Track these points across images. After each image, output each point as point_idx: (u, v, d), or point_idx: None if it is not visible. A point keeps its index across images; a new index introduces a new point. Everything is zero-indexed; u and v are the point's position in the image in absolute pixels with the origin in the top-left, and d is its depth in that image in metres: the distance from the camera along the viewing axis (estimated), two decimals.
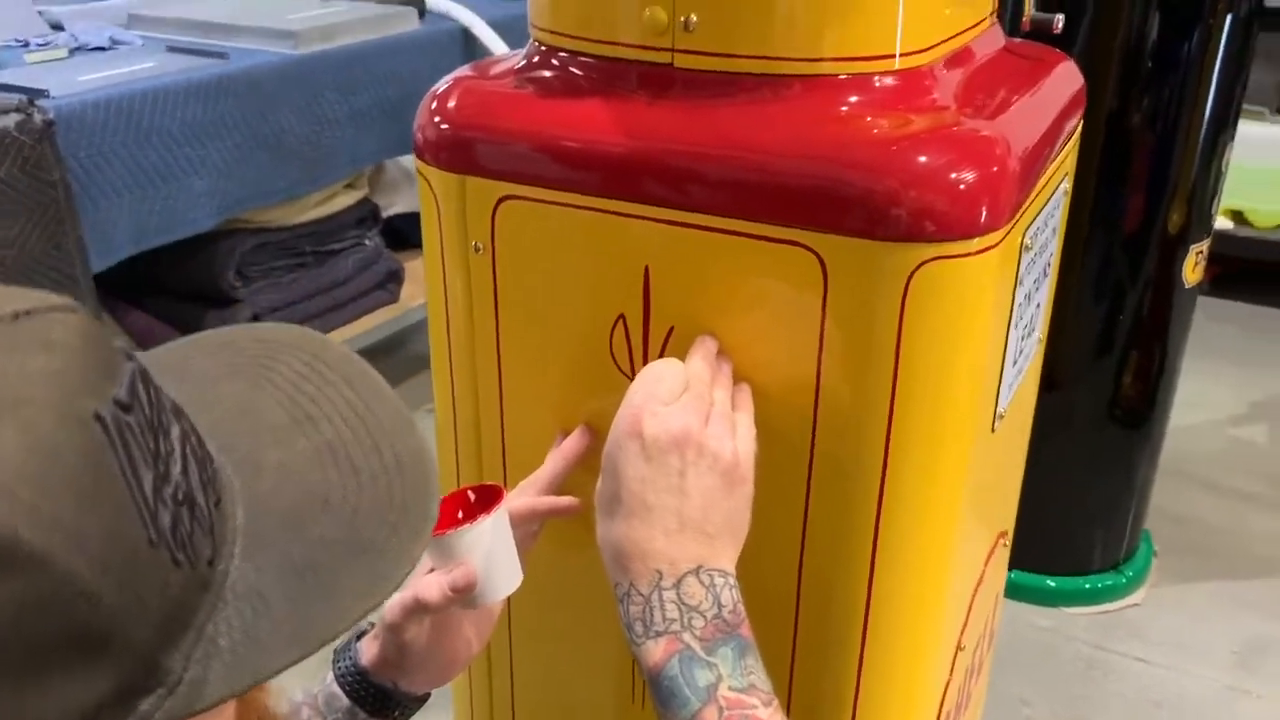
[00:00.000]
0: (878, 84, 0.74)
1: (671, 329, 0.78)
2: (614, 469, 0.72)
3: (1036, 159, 0.78)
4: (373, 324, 2.52)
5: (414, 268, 2.67)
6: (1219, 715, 1.91)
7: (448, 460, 0.93)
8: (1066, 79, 0.93)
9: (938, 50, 0.77)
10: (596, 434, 0.84)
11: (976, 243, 0.69)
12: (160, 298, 2.28)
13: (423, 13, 2.42)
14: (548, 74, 0.82)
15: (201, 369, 0.53)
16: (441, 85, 0.85)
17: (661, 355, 0.79)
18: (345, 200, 2.45)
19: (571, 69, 0.81)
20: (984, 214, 0.69)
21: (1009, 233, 0.73)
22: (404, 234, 2.75)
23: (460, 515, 0.78)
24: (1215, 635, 2.07)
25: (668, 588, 0.69)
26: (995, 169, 0.71)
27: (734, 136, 0.73)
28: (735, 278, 0.75)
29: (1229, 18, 1.78)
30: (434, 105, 0.83)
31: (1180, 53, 1.79)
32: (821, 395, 0.75)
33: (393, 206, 2.75)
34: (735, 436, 0.72)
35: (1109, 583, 2.19)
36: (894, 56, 0.74)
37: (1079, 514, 2.15)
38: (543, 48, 0.84)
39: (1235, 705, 1.93)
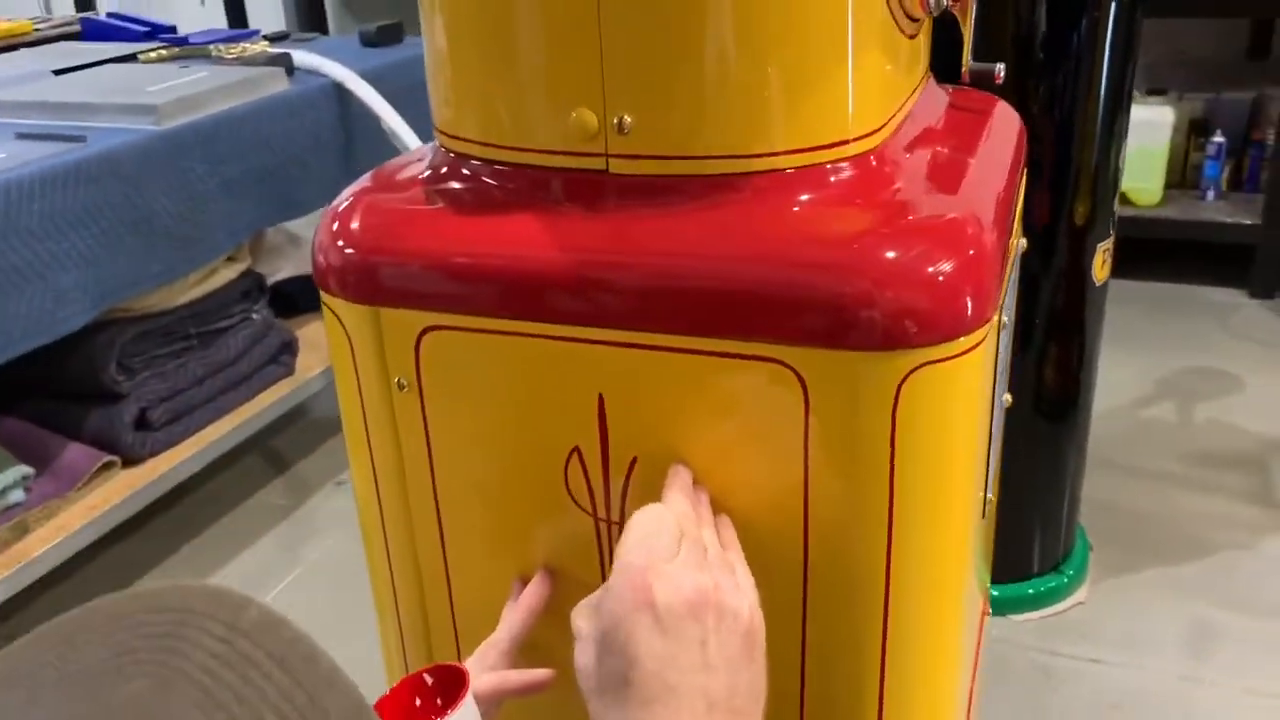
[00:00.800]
0: (833, 173, 0.67)
1: (635, 459, 0.70)
2: (621, 647, 0.61)
3: (1004, 230, 0.72)
4: (270, 400, 2.38)
5: (307, 334, 2.55)
6: (1176, 709, 1.90)
7: (388, 621, 0.83)
8: (1008, 125, 0.88)
9: (889, 126, 0.71)
10: (558, 576, 0.75)
11: (964, 341, 0.63)
12: (36, 400, 2.12)
13: (291, 71, 2.29)
14: (461, 186, 0.74)
15: (86, 665, 0.40)
16: (341, 203, 0.76)
17: (626, 487, 0.71)
18: (227, 274, 2.31)
19: (488, 179, 0.72)
20: (969, 307, 0.63)
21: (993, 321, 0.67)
22: (294, 299, 2.62)
23: (418, 703, 0.68)
24: (1161, 626, 2.07)
25: None
26: (972, 252, 0.64)
27: (685, 246, 0.65)
28: (704, 401, 0.67)
29: (1114, 4, 1.78)
30: (335, 227, 0.74)
31: (1070, 41, 1.80)
32: (811, 518, 0.68)
33: (278, 273, 2.62)
34: (739, 585, 0.64)
35: (1052, 585, 2.17)
36: (847, 142, 0.67)
37: (1016, 517, 2.13)
38: (451, 155, 0.75)
39: (1191, 696, 1.93)
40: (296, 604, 2.06)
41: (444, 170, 0.75)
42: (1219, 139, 3.26)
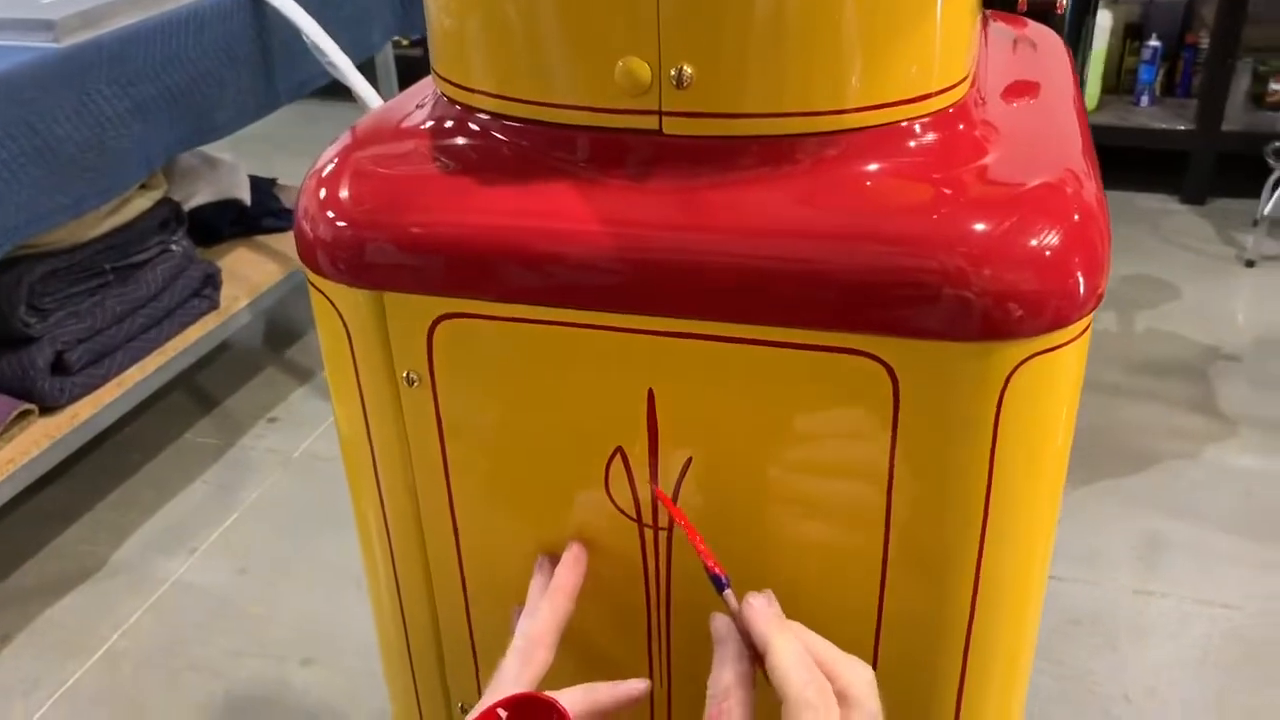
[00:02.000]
0: (917, 133, 0.58)
1: (689, 460, 0.62)
2: None
3: (1099, 183, 0.64)
4: (196, 336, 2.24)
5: (230, 264, 2.40)
6: (1130, 621, 1.93)
7: (394, 650, 0.72)
8: (1058, 52, 0.80)
9: (968, 78, 0.62)
10: (596, 577, 0.65)
11: (1074, 328, 0.55)
12: None
13: None
14: (472, 144, 0.62)
15: None
16: (325, 164, 0.64)
17: (677, 491, 0.62)
18: (142, 203, 2.14)
19: (508, 139, 0.61)
20: (1081, 284, 0.55)
21: None
22: (212, 226, 2.46)
23: None
24: (1114, 539, 2.09)
25: None
26: (1077, 217, 0.56)
27: (755, 220, 0.56)
28: (772, 398, 0.59)
29: None
30: (322, 194, 0.62)
31: None
32: (894, 517, 0.60)
33: (194, 197, 2.44)
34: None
35: None
36: (930, 96, 0.58)
37: None
38: (457, 107, 0.64)
39: (1144, 608, 1.95)
40: (237, 549, 1.96)
41: (449, 125, 0.64)
42: (1154, 43, 3.23)
